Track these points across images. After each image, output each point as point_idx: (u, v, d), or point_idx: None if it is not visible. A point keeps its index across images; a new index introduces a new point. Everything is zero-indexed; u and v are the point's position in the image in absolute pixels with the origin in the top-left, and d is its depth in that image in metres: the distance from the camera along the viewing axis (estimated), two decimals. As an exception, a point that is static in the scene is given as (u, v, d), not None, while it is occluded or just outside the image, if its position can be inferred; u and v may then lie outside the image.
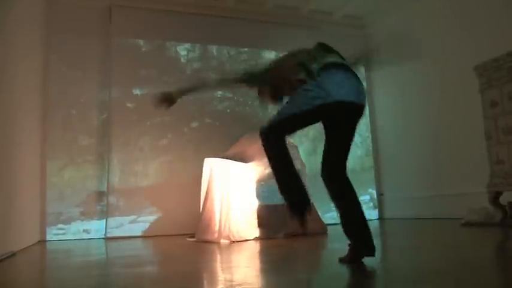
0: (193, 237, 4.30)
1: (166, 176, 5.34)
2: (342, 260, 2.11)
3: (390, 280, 1.73)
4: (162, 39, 5.67)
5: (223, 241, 3.75)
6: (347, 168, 2.36)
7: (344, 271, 1.93)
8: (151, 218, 5.16)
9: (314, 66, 2.13)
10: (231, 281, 1.83)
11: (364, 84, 6.70)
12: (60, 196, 4.95)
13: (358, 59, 2.56)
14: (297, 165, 4.27)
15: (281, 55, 2.50)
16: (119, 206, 5.07)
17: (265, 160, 2.34)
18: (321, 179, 2.30)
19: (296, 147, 4.47)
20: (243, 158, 4.26)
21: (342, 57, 2.25)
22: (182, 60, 5.74)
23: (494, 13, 4.63)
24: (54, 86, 5.07)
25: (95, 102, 5.28)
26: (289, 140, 2.58)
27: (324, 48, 2.30)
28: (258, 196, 4.11)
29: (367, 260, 2.04)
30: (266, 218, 4.05)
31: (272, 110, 2.56)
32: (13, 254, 3.12)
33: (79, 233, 4.95)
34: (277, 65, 2.42)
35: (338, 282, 1.72)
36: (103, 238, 4.90)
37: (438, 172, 5.38)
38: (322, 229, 4.22)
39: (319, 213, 4.40)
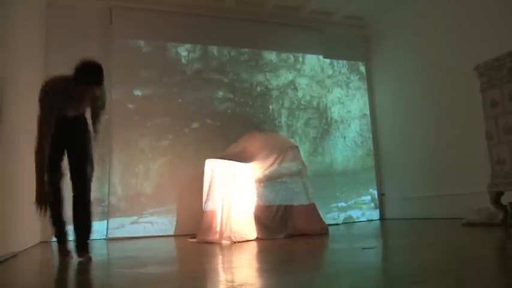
0: (194, 237, 4.30)
1: (167, 176, 5.34)
2: None
3: (390, 280, 1.72)
4: (163, 40, 5.68)
5: (224, 242, 3.75)
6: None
7: (344, 271, 1.93)
8: (153, 218, 5.16)
9: None
10: (233, 281, 1.83)
11: (365, 84, 6.77)
12: (61, 197, 4.94)
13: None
14: (298, 166, 4.31)
15: None
16: (120, 207, 5.08)
17: (266, 160, 2.37)
18: (321, 178, 2.32)
19: (297, 147, 4.47)
20: (243, 158, 4.25)
21: None
22: (183, 60, 5.74)
23: (495, 13, 4.63)
24: (55, 87, 5.07)
25: (96, 103, 5.27)
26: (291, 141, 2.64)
27: None
28: (259, 197, 4.11)
29: (368, 260, 2.03)
30: (267, 219, 4.05)
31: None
32: (15, 255, 3.12)
33: (80, 234, 4.94)
34: None
35: (338, 283, 1.72)
36: (104, 239, 4.90)
37: (439, 172, 5.37)
38: (323, 229, 4.22)
39: (320, 214, 4.40)
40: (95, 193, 5.09)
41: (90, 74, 2.67)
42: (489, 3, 4.72)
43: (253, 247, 3.37)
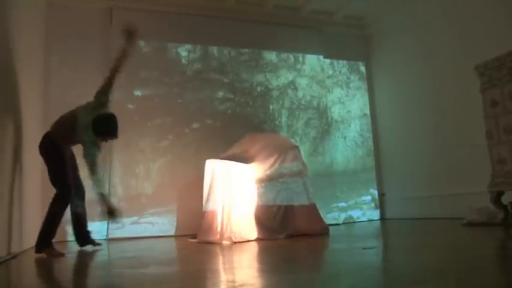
0: (195, 238, 4.31)
1: (168, 177, 5.34)
2: None
3: (390, 280, 1.73)
4: (163, 40, 5.68)
5: (225, 242, 3.75)
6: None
7: (345, 271, 1.94)
8: (153, 219, 5.16)
9: None
10: (233, 281, 1.83)
11: (365, 84, 6.76)
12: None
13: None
14: (299, 166, 4.31)
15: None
16: (120, 208, 5.06)
17: (267, 161, 2.39)
18: (322, 178, 2.35)
19: (297, 147, 4.47)
20: (244, 158, 4.25)
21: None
22: (183, 61, 5.75)
23: (495, 13, 4.63)
24: (55, 88, 5.08)
25: (96, 103, 5.28)
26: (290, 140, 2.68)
27: None
28: (260, 197, 4.11)
29: (368, 260, 2.03)
30: (268, 219, 4.05)
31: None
32: (14, 256, 3.12)
33: (81, 234, 4.94)
34: None
35: (339, 283, 1.72)
36: (105, 239, 4.90)
37: (439, 172, 5.38)
38: (324, 229, 4.22)
39: (321, 214, 4.41)
40: (95, 194, 5.13)
41: (115, 128, 3.45)
42: (488, 4, 4.73)
43: (253, 247, 3.37)
